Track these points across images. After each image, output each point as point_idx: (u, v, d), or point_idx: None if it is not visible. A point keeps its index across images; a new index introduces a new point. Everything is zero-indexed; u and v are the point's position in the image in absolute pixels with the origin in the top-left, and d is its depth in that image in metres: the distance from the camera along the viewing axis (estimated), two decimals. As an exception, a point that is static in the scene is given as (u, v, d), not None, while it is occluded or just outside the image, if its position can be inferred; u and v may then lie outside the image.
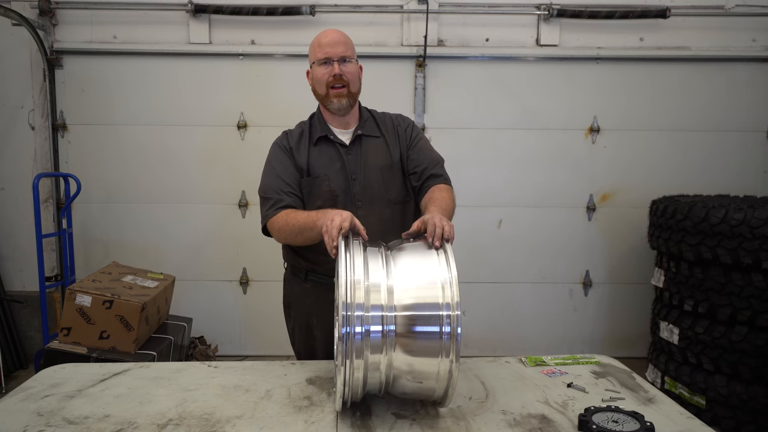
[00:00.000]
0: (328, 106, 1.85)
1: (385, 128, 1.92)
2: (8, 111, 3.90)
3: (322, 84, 1.81)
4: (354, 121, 1.90)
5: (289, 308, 2.01)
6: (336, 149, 1.85)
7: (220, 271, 4.05)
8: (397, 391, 1.31)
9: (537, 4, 3.88)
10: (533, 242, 4.05)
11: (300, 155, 1.84)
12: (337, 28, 1.87)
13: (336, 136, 1.86)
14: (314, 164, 1.83)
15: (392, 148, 1.88)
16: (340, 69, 1.78)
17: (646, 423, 1.26)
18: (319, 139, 1.86)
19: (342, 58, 1.79)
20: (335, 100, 1.81)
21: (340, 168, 1.82)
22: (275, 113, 3.92)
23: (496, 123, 3.98)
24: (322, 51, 1.80)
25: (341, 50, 1.79)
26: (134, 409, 1.39)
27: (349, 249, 1.31)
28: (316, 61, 1.81)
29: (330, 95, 1.81)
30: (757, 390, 2.86)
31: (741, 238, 2.83)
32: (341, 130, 1.88)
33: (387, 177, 1.84)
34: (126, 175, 3.95)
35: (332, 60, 1.78)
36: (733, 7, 3.90)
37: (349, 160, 1.83)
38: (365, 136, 1.88)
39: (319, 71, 1.81)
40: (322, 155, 1.85)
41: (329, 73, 1.79)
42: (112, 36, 3.89)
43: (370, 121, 1.92)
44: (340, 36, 1.82)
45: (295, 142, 1.87)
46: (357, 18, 3.87)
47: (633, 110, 3.99)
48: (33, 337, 3.94)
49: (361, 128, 1.88)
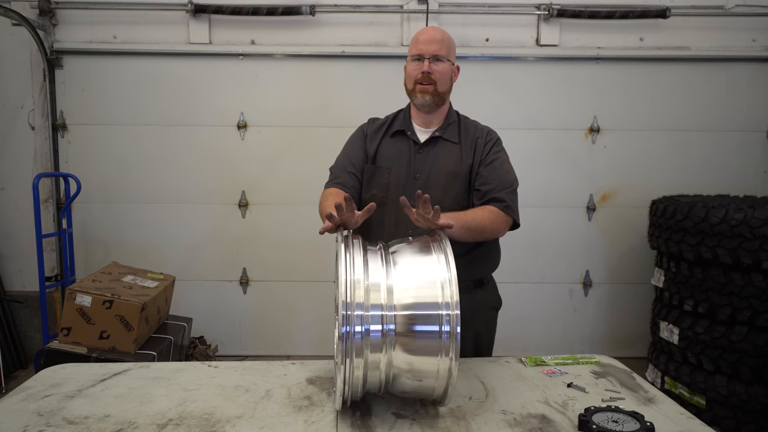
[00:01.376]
0: (413, 101, 1.87)
1: (466, 136, 1.90)
2: (8, 111, 3.90)
3: (411, 79, 1.83)
4: (438, 122, 1.90)
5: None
6: (408, 145, 1.87)
7: (220, 271, 4.05)
8: (397, 390, 1.31)
9: (537, 4, 3.88)
10: (533, 242, 4.05)
11: (372, 143, 1.89)
12: (436, 27, 1.87)
13: (413, 133, 1.88)
14: (382, 154, 1.87)
15: (465, 156, 1.85)
16: (430, 67, 1.80)
17: (646, 423, 1.26)
18: (397, 132, 1.89)
19: (434, 56, 1.80)
20: (419, 96, 1.82)
21: (405, 164, 1.84)
22: (275, 113, 3.92)
23: (495, 123, 3.88)
24: (417, 47, 1.82)
25: (434, 48, 1.80)
26: (134, 409, 1.39)
27: (349, 248, 1.31)
28: (410, 56, 1.84)
29: (415, 90, 1.82)
30: (757, 390, 2.86)
31: (741, 238, 2.83)
32: (422, 129, 1.89)
33: (449, 183, 1.82)
34: (126, 175, 3.95)
35: (424, 57, 1.80)
36: (733, 7, 3.90)
37: (417, 159, 1.84)
38: (442, 139, 1.87)
39: (411, 67, 1.84)
40: (393, 148, 1.87)
41: (419, 69, 1.81)
42: (112, 36, 3.89)
43: (454, 126, 1.91)
44: (437, 34, 1.83)
45: (374, 129, 1.92)
46: (357, 18, 3.87)
47: (633, 110, 3.99)
48: (33, 337, 3.94)
49: (441, 131, 1.88)
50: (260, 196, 3.99)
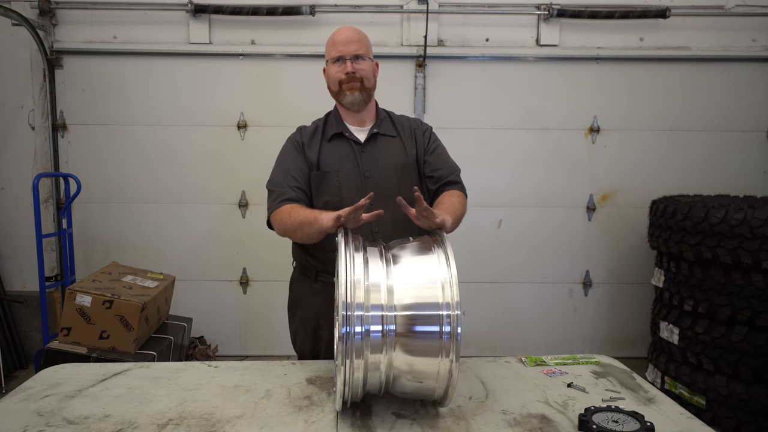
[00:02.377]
0: (341, 101, 1.86)
1: (402, 129, 1.93)
2: (8, 111, 3.90)
3: (335, 81, 1.83)
4: (370, 120, 1.91)
5: (295, 308, 1.99)
6: (350, 146, 1.86)
7: (220, 271, 4.05)
8: (397, 390, 1.31)
9: (537, 4, 3.88)
10: (533, 242, 4.05)
11: (311, 150, 1.86)
12: (351, 26, 1.86)
13: (351, 134, 1.87)
14: (325, 159, 1.84)
15: (408, 148, 1.89)
16: (353, 66, 1.79)
17: (646, 423, 1.26)
18: (334, 135, 1.87)
19: (355, 56, 1.80)
20: (348, 93, 1.82)
21: (352, 165, 1.83)
22: (275, 113, 3.92)
23: (496, 123, 3.99)
24: (336, 49, 1.81)
25: (354, 48, 1.80)
26: (134, 409, 1.39)
27: (349, 248, 1.31)
28: (330, 59, 1.83)
29: (343, 89, 1.82)
30: (757, 390, 2.86)
31: (741, 238, 2.83)
32: (357, 128, 1.89)
33: (402, 176, 1.84)
34: (126, 175, 3.95)
35: (345, 58, 1.80)
36: (733, 7, 3.90)
37: (363, 158, 1.84)
38: (381, 135, 1.89)
39: (333, 69, 1.83)
40: (335, 151, 1.85)
41: (342, 71, 1.80)
42: (112, 36, 3.89)
43: (387, 121, 1.93)
44: (354, 34, 1.83)
45: (308, 137, 1.89)
46: (357, 18, 3.87)
47: (633, 110, 3.99)
48: (33, 337, 3.94)
49: (378, 127, 1.89)
50: (260, 196, 3.96)
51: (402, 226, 1.71)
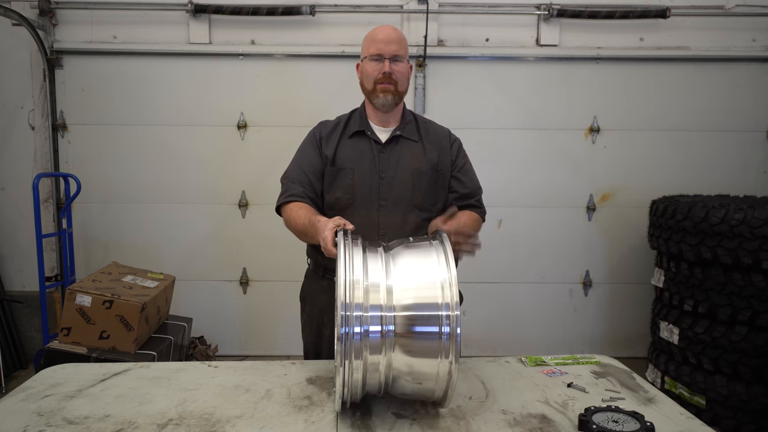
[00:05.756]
0: (373, 101, 1.85)
1: (426, 135, 1.91)
2: (8, 111, 3.90)
3: (371, 80, 1.81)
4: (395, 121, 1.90)
5: (304, 302, 2.02)
6: (370, 145, 1.85)
7: (220, 271, 4.05)
8: (397, 391, 1.31)
9: (537, 4, 3.88)
10: (533, 242, 4.05)
11: (328, 146, 1.85)
12: (391, 26, 1.86)
13: (373, 133, 1.86)
14: (342, 156, 1.84)
15: (429, 155, 1.86)
16: (391, 67, 1.78)
17: (646, 423, 1.26)
18: (356, 133, 1.87)
19: (394, 57, 1.79)
20: (381, 96, 1.80)
21: (369, 164, 1.82)
22: (275, 113, 3.92)
23: (496, 123, 3.98)
24: (375, 47, 1.79)
25: (394, 48, 1.79)
26: (134, 409, 1.39)
27: (348, 248, 1.31)
28: (369, 56, 1.81)
29: (377, 90, 1.81)
30: (757, 390, 2.86)
31: (741, 238, 2.83)
32: (380, 128, 1.88)
33: (417, 181, 1.82)
34: (126, 176, 3.95)
35: (384, 57, 1.78)
36: (733, 7, 3.90)
37: (381, 158, 1.83)
38: (403, 138, 1.87)
39: (370, 66, 1.81)
40: (353, 149, 1.85)
41: (379, 70, 1.79)
42: (112, 36, 3.89)
43: (412, 125, 1.91)
44: (395, 34, 1.81)
45: (328, 132, 1.89)
46: (357, 18, 3.87)
47: (633, 110, 3.99)
48: (33, 337, 3.94)
49: (401, 129, 1.88)
50: (260, 196, 3.98)
51: (411, 231, 1.71)
